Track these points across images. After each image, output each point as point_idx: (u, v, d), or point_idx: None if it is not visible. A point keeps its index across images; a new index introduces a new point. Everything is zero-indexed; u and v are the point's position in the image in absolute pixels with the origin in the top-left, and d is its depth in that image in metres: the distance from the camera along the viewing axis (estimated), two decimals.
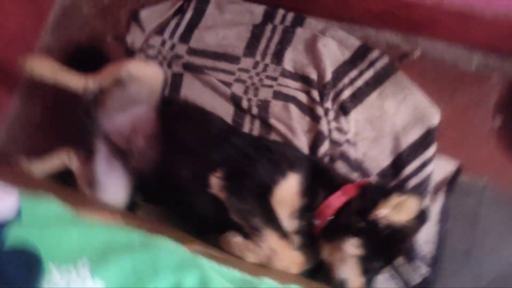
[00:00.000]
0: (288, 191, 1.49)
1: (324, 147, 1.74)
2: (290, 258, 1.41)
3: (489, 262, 1.64)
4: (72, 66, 1.79)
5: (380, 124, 1.77)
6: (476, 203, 1.68)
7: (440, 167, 1.70)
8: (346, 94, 1.82)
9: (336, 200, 1.49)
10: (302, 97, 1.84)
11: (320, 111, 1.79)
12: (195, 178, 1.55)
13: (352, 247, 1.44)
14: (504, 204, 1.67)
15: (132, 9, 2.18)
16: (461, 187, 1.69)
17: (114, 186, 1.77)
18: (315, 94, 1.82)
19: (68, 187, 1.91)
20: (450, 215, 1.67)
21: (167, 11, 2.09)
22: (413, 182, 1.67)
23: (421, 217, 1.50)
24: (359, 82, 1.83)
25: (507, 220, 1.66)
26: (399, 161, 1.72)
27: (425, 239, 1.64)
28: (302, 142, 1.76)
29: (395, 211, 1.42)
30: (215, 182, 1.48)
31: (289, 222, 1.52)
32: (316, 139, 1.77)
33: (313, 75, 1.84)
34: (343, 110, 1.81)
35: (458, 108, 1.76)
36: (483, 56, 1.77)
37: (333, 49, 1.87)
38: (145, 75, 1.68)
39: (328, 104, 1.80)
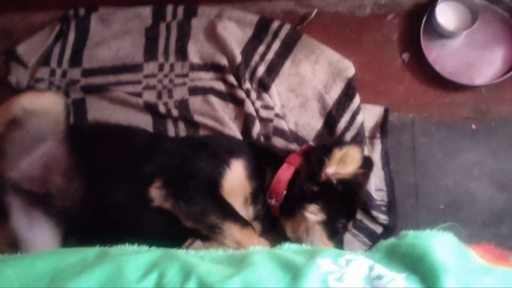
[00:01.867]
0: (236, 179, 1.40)
1: (256, 128, 1.68)
2: (257, 245, 1.32)
3: (437, 191, 1.69)
4: None
5: (302, 90, 1.76)
6: (409, 138, 1.73)
7: (368, 114, 1.73)
8: (261, 70, 1.78)
9: (285, 173, 1.44)
10: (219, 86, 1.77)
11: (241, 94, 1.73)
12: (132, 198, 1.40)
13: (313, 214, 1.40)
14: (434, 131, 1.73)
15: (6, 49, 1.95)
16: (392, 128, 1.73)
17: (41, 237, 1.54)
18: (231, 79, 1.75)
19: None
20: (390, 158, 1.70)
21: (46, 39, 1.90)
22: (349, 135, 1.68)
23: (367, 164, 1.51)
24: (270, 56, 1.80)
25: (441, 145, 1.72)
26: (330, 119, 1.71)
27: (375, 187, 1.65)
28: (233, 130, 1.69)
29: (341, 165, 1.40)
30: (156, 193, 1.34)
31: (245, 210, 1.44)
32: (246, 122, 1.70)
33: (224, 61, 1.77)
34: (263, 86, 1.76)
35: (366, 54, 1.80)
36: None
37: (234, 30, 1.82)
38: (43, 105, 1.49)
39: (247, 85, 1.75)
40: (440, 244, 0.80)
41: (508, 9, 1.80)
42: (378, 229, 1.62)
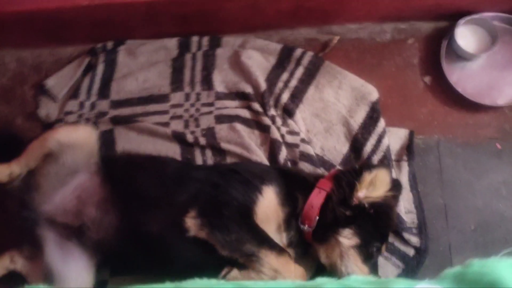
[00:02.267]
0: (269, 206, 1.42)
1: (283, 154, 1.71)
2: (294, 272, 1.33)
3: (466, 212, 1.69)
4: None
5: (326, 115, 1.79)
6: (435, 160, 1.74)
7: (393, 138, 1.75)
8: (285, 97, 1.81)
9: (316, 198, 1.45)
10: (245, 113, 1.80)
11: (266, 120, 1.76)
12: (168, 228, 1.42)
13: (347, 238, 1.41)
14: (460, 152, 1.74)
15: (36, 83, 2.01)
16: (418, 150, 1.74)
17: (75, 270, 1.56)
18: (257, 106, 1.79)
19: None
20: (417, 180, 1.71)
21: (75, 73, 1.95)
22: (375, 158, 1.69)
23: (396, 186, 1.52)
24: (293, 82, 1.84)
25: (468, 165, 1.73)
26: (356, 143, 1.73)
27: (404, 210, 1.66)
28: (259, 156, 1.71)
29: (371, 188, 1.42)
30: (192, 223, 1.36)
31: (278, 237, 1.45)
32: (272, 148, 1.73)
33: (248, 89, 1.82)
34: (288, 113, 1.79)
35: (388, 78, 1.84)
36: (393, 24, 1.87)
37: (258, 59, 1.86)
38: (78, 138, 1.53)
39: (272, 111, 1.78)
40: (509, 270, 0.79)
41: None
42: (410, 252, 1.62)
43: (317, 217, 1.43)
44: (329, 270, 1.48)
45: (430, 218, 1.66)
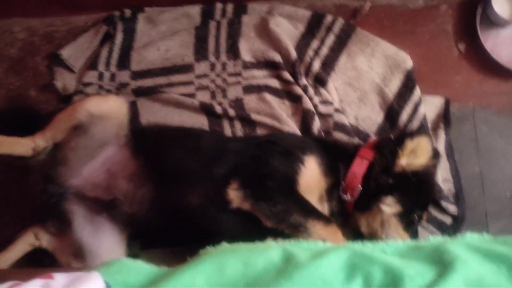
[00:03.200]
0: (312, 176, 1.38)
1: (316, 124, 1.66)
2: (341, 242, 1.30)
3: (503, 180, 1.67)
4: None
5: (359, 84, 1.73)
6: (471, 128, 1.71)
7: (428, 106, 1.71)
8: (316, 65, 1.75)
9: (359, 167, 1.41)
10: (274, 83, 1.74)
11: (298, 90, 1.70)
12: (209, 201, 1.37)
13: (389, 206, 1.39)
14: (495, 120, 1.72)
15: (49, 53, 1.91)
16: (453, 118, 1.71)
17: (107, 245, 1.51)
18: (287, 75, 1.72)
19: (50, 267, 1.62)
20: (453, 148, 1.69)
21: (92, 42, 1.86)
22: (413, 126, 1.66)
23: (436, 154, 1.49)
24: (324, 50, 1.77)
25: (504, 133, 1.71)
26: (391, 112, 1.69)
27: (441, 179, 1.64)
28: (291, 127, 1.66)
29: (413, 156, 1.39)
30: (235, 194, 1.31)
31: (320, 207, 1.41)
32: (305, 118, 1.68)
33: (277, 58, 1.75)
34: (320, 82, 1.73)
35: (421, 45, 1.78)
36: None
37: (287, 26, 1.79)
38: (108, 109, 1.46)
39: (304, 80, 1.72)
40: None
41: None
42: (448, 220, 1.60)
43: (360, 187, 1.40)
44: (369, 240, 1.46)
45: (466, 187, 1.64)
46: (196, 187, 1.39)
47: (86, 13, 1.94)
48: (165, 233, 1.52)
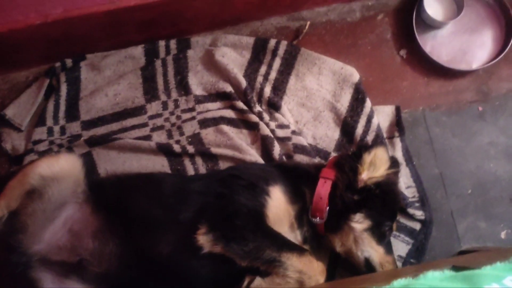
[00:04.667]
0: (279, 207, 1.38)
1: (276, 149, 1.66)
2: (317, 270, 1.30)
3: (462, 177, 1.73)
4: None
5: (312, 103, 1.76)
6: (424, 131, 1.77)
7: (381, 115, 1.75)
8: (268, 90, 1.76)
9: (323, 188, 1.43)
10: (229, 113, 1.74)
11: (253, 118, 1.70)
12: (179, 248, 1.34)
13: (358, 223, 1.41)
14: (446, 120, 1.78)
15: None
16: (406, 124, 1.75)
17: None
18: (240, 104, 1.73)
19: None
20: (411, 153, 1.73)
21: (36, 97, 1.80)
22: (368, 139, 1.69)
23: (394, 162, 1.53)
24: (273, 74, 1.79)
25: (455, 131, 1.77)
26: (346, 127, 1.72)
27: (404, 185, 1.67)
28: (253, 155, 1.66)
29: (372, 168, 1.42)
30: (204, 239, 1.29)
31: (293, 235, 1.41)
32: (264, 145, 1.68)
33: (229, 88, 1.75)
34: (273, 106, 1.75)
35: (365, 57, 1.83)
36: (361, 2, 1.86)
37: (233, 55, 1.79)
38: (61, 169, 1.41)
39: (257, 107, 1.73)
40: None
41: None
42: (417, 226, 1.64)
43: (327, 208, 1.41)
44: (345, 257, 1.48)
45: (429, 189, 1.69)
46: (164, 235, 1.36)
47: (26, 68, 1.87)
48: (139, 286, 1.48)
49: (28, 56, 1.83)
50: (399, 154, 1.70)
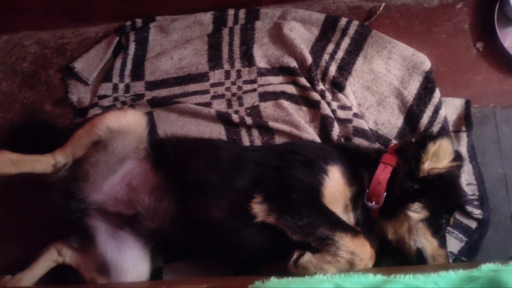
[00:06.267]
0: (336, 187, 1.36)
1: (336, 130, 1.64)
2: (369, 253, 1.28)
3: None
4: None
5: (377, 87, 1.71)
6: (492, 129, 1.69)
7: (449, 108, 1.68)
8: (333, 70, 1.72)
9: (383, 173, 1.39)
10: (291, 89, 1.72)
11: (315, 96, 1.68)
12: (232, 214, 1.36)
13: (416, 212, 1.37)
14: None
15: (62, 66, 1.90)
16: (474, 119, 1.67)
17: (131, 260, 1.51)
18: (303, 81, 1.70)
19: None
20: (476, 150, 1.66)
21: (105, 53, 1.84)
22: (433, 130, 1.63)
23: (459, 156, 1.47)
24: (340, 54, 1.74)
25: None
26: (411, 115, 1.66)
27: (465, 182, 1.61)
28: (311, 134, 1.64)
29: (435, 159, 1.38)
30: (259, 208, 1.29)
31: (346, 217, 1.39)
32: (324, 125, 1.66)
33: (293, 63, 1.72)
34: (337, 86, 1.71)
35: (439, 45, 1.75)
36: None
37: (301, 31, 1.76)
38: (128, 124, 1.45)
39: (320, 86, 1.70)
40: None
41: None
42: (473, 224, 1.59)
43: (385, 193, 1.38)
44: (395, 246, 1.45)
45: (490, 189, 1.62)
46: (218, 200, 1.38)
47: (97, 24, 1.92)
48: (189, 246, 1.51)
49: (100, 13, 1.87)
50: (463, 150, 1.63)
